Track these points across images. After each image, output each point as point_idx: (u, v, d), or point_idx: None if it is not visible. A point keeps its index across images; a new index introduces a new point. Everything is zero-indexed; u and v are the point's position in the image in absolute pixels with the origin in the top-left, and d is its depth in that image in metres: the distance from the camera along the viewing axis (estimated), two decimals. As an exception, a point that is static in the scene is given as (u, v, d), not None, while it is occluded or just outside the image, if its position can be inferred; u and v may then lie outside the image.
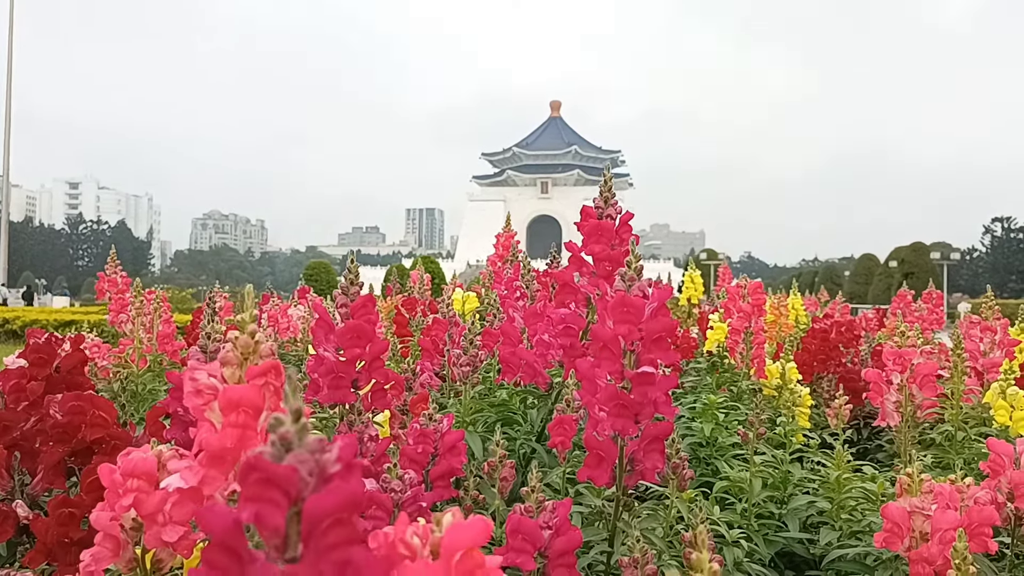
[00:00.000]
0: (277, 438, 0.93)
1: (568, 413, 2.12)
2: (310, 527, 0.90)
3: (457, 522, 1.18)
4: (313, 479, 0.92)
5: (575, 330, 2.39)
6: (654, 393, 1.81)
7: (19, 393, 2.32)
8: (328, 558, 0.89)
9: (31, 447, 2.26)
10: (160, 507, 1.50)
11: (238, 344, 1.42)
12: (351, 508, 0.91)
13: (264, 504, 0.88)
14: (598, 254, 2.31)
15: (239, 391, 1.36)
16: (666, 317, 1.84)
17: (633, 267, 1.87)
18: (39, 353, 2.43)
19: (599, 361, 1.86)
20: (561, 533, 1.71)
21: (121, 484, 1.53)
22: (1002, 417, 3.14)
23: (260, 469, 0.89)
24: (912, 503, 1.84)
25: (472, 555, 1.17)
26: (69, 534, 1.96)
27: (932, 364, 2.30)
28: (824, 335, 4.33)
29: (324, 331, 2.10)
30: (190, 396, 1.40)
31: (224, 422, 1.37)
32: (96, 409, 2.25)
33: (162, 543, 1.51)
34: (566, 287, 2.40)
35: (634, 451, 1.89)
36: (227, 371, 1.42)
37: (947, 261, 46.98)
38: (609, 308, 1.84)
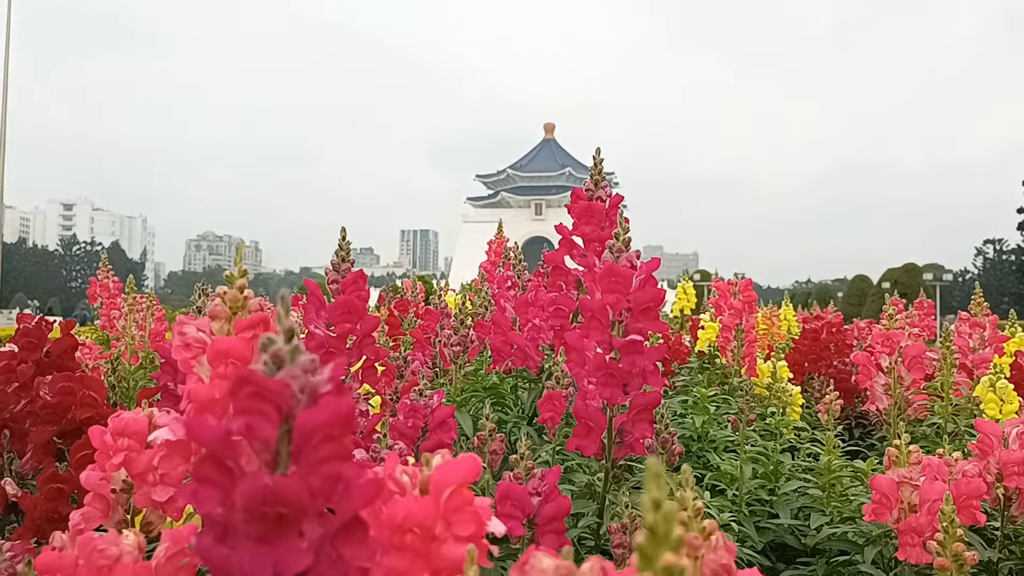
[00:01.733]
0: (269, 356, 0.94)
1: (557, 389, 2.13)
2: (301, 442, 0.90)
3: (447, 460, 1.19)
4: (304, 396, 0.93)
5: (565, 311, 2.41)
6: (642, 362, 1.82)
7: (9, 375, 2.32)
8: (318, 472, 0.89)
9: (21, 428, 2.26)
10: (150, 466, 1.50)
11: (226, 298, 1.43)
12: (342, 424, 0.92)
13: (255, 416, 0.88)
14: (588, 235, 2.33)
15: (228, 343, 1.37)
16: (654, 287, 1.86)
17: (621, 239, 1.89)
18: (29, 337, 2.43)
19: (587, 331, 1.87)
20: (550, 500, 1.72)
21: (111, 445, 1.53)
22: (992, 410, 3.15)
23: (252, 383, 0.90)
24: (900, 474, 1.85)
25: (461, 492, 1.17)
26: (58, 509, 1.95)
27: (920, 346, 2.32)
28: (815, 335, 4.35)
29: (315, 307, 2.11)
30: (179, 349, 1.41)
31: (212, 374, 1.37)
32: (86, 389, 2.25)
33: (152, 503, 1.51)
34: (557, 269, 2.42)
35: (623, 422, 1.90)
36: (216, 325, 1.43)
37: (939, 282, 47.25)
38: (597, 278, 1.85)
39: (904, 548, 1.81)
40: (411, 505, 1.12)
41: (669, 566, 0.69)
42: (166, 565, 1.19)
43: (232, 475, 0.89)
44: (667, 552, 0.69)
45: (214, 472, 0.89)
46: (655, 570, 0.69)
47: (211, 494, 0.88)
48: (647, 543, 0.69)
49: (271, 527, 0.87)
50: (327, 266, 2.18)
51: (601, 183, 2.40)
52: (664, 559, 0.69)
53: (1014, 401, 2.99)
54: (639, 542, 0.70)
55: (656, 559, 0.69)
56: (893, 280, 52.25)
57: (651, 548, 0.69)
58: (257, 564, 0.85)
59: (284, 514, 0.87)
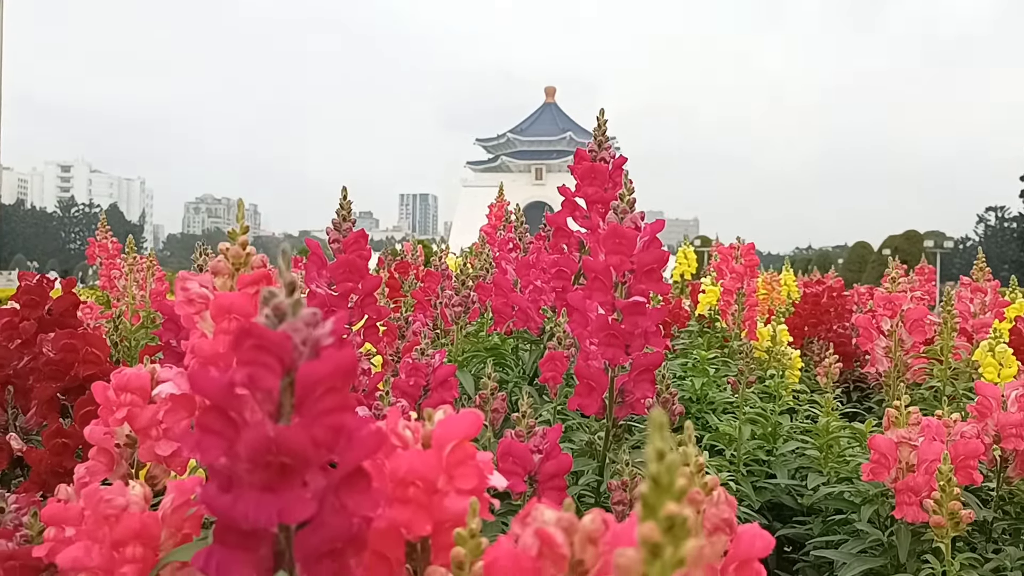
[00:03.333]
0: (271, 309, 0.94)
1: (559, 350, 2.14)
2: (303, 393, 0.90)
3: (449, 415, 1.19)
4: (306, 348, 0.93)
5: (568, 273, 2.40)
6: (645, 323, 1.83)
7: (12, 332, 2.32)
8: (321, 423, 0.90)
9: (24, 384, 2.27)
10: (153, 421, 1.51)
11: (229, 255, 1.43)
12: (344, 376, 0.92)
13: (258, 368, 0.88)
14: (591, 196, 2.32)
15: (230, 298, 1.37)
16: (658, 249, 1.85)
17: (626, 200, 1.88)
18: (31, 295, 2.43)
19: (590, 292, 1.87)
20: (551, 457, 1.73)
21: (115, 400, 1.53)
22: (990, 374, 3.17)
23: (254, 335, 0.90)
24: (899, 434, 1.86)
25: (464, 446, 1.18)
26: (63, 464, 1.97)
27: (922, 309, 2.32)
28: (816, 299, 4.35)
29: (316, 266, 2.11)
30: (182, 305, 1.41)
31: (215, 329, 1.37)
32: (89, 346, 2.25)
33: (156, 457, 1.52)
34: (559, 231, 2.41)
35: (624, 382, 1.91)
36: (218, 280, 1.43)
37: (940, 250, 47.20)
38: (601, 239, 1.85)
39: (901, 507, 1.83)
40: (414, 458, 1.13)
41: (671, 515, 0.69)
42: (172, 515, 1.20)
43: (236, 426, 0.89)
44: (670, 502, 0.70)
45: (218, 423, 0.89)
46: (658, 519, 0.69)
47: (215, 444, 0.88)
48: (650, 492, 0.70)
49: (275, 476, 0.87)
50: (327, 228, 2.17)
51: (605, 144, 2.38)
52: (667, 508, 0.69)
53: (1013, 365, 3.00)
54: (642, 491, 0.71)
55: (659, 508, 0.69)
56: (894, 247, 52.20)
57: (654, 497, 0.70)
58: (262, 512, 0.85)
59: (287, 464, 0.88)
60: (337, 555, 0.92)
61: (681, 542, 0.70)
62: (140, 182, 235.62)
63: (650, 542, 0.69)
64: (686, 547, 0.70)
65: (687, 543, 0.70)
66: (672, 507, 0.69)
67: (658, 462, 0.70)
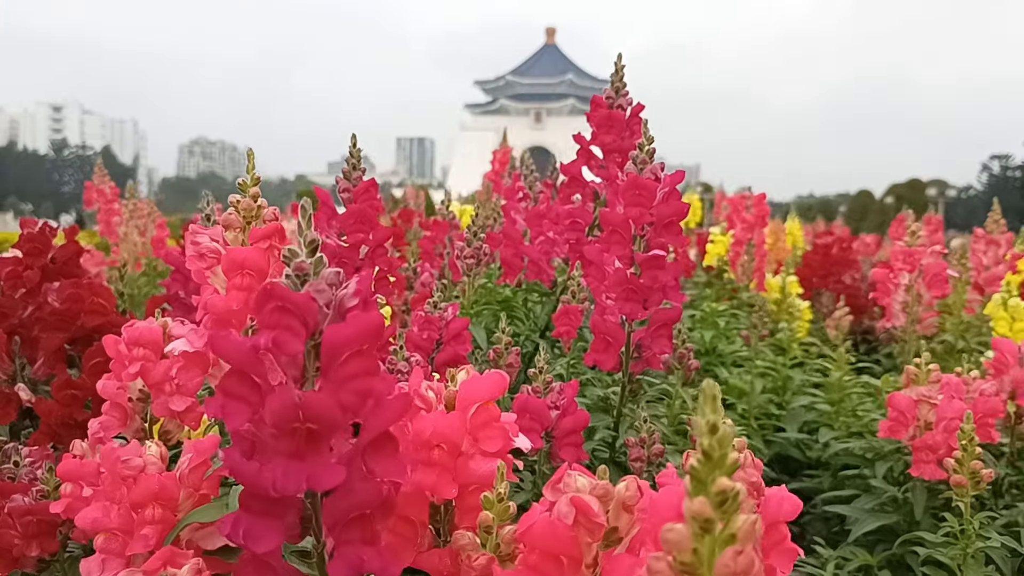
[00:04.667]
0: (293, 269, 0.89)
1: (573, 304, 2.10)
2: (329, 357, 0.87)
3: (473, 375, 1.16)
4: (331, 311, 0.89)
5: (582, 225, 2.36)
6: (664, 277, 1.79)
7: (16, 280, 2.28)
8: (348, 388, 0.86)
9: (30, 334, 2.23)
10: (166, 376, 1.48)
11: (240, 207, 1.38)
12: (371, 339, 0.88)
13: (282, 331, 0.85)
14: (608, 145, 2.25)
15: (243, 252, 1.32)
16: (678, 201, 1.80)
17: (646, 150, 1.82)
18: (34, 243, 2.37)
19: (608, 245, 1.82)
20: (568, 413, 1.71)
21: (127, 355, 1.50)
22: (1002, 328, 3.14)
23: (277, 297, 0.85)
24: (919, 392, 1.84)
25: (488, 408, 1.15)
26: (73, 415, 1.95)
27: (941, 263, 2.28)
28: (826, 250, 4.31)
29: (326, 216, 2.06)
30: (192, 260, 1.36)
31: (228, 285, 1.33)
32: (95, 296, 2.21)
33: (169, 412, 1.49)
34: (574, 180, 2.35)
35: (641, 337, 1.88)
36: (230, 234, 1.38)
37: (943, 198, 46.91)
38: (620, 191, 1.79)
39: (918, 465, 1.82)
40: (438, 421, 1.10)
41: (724, 490, 0.66)
42: (190, 476, 1.18)
43: (260, 391, 0.86)
44: (722, 477, 0.67)
45: (241, 387, 0.86)
46: (709, 495, 0.67)
47: (239, 409, 0.85)
48: (702, 467, 0.67)
49: (302, 443, 0.84)
50: (323, 172, 2.11)
51: (622, 90, 2.30)
52: (719, 484, 0.67)
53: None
54: (692, 465, 0.68)
55: (710, 484, 0.67)
56: (896, 195, 51.91)
57: (706, 472, 0.67)
58: (290, 479, 0.83)
59: (314, 430, 0.84)
60: (366, 520, 0.90)
61: (732, 517, 0.67)
62: (133, 123, 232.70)
63: (701, 517, 0.66)
64: (737, 523, 0.67)
65: (738, 519, 0.67)
66: (724, 482, 0.66)
67: (710, 435, 0.67)
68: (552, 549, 0.85)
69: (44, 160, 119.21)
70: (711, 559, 0.67)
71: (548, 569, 0.86)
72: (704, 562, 0.67)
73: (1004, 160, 74.68)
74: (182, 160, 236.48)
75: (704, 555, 0.67)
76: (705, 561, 0.67)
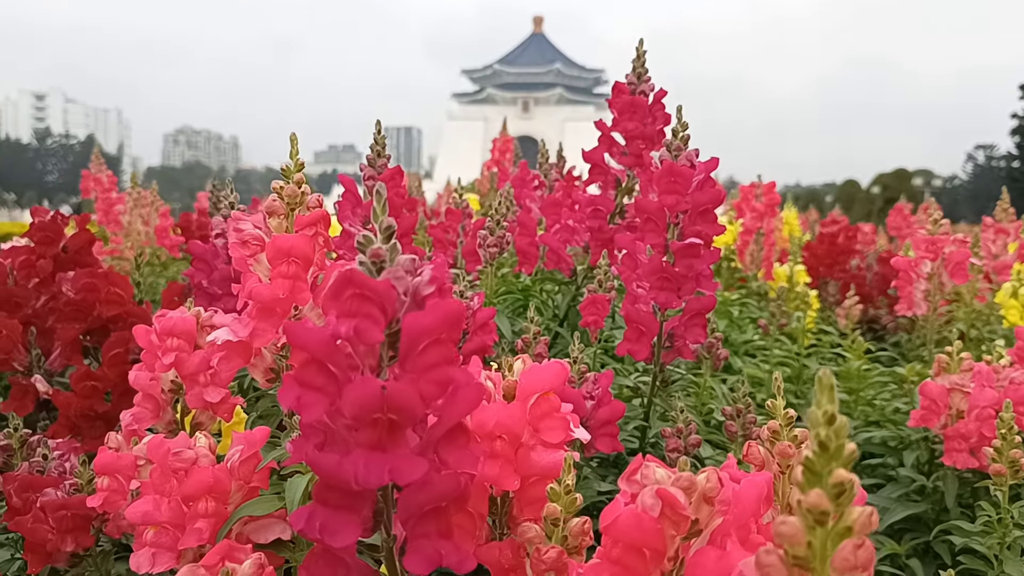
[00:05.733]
0: (370, 256, 0.87)
1: (600, 292, 2.08)
2: (408, 346, 0.84)
3: (533, 365, 1.14)
4: (408, 299, 0.87)
5: (603, 212, 2.33)
6: (700, 266, 1.77)
7: (29, 270, 2.24)
8: (428, 377, 0.84)
9: (44, 325, 2.19)
10: (202, 367, 1.45)
11: (284, 193, 1.35)
12: (452, 327, 0.86)
13: (362, 319, 0.82)
14: (631, 132, 2.23)
15: (289, 240, 1.30)
16: (713, 188, 1.78)
17: (680, 136, 1.80)
18: (45, 231, 2.33)
19: (642, 234, 1.80)
20: (603, 403, 1.69)
21: (159, 345, 1.47)
22: (1013, 316, 3.16)
23: (356, 284, 0.83)
24: (952, 380, 1.84)
25: (548, 398, 1.13)
26: (94, 407, 1.91)
27: (965, 251, 2.28)
28: (832, 239, 4.31)
29: (351, 204, 2.03)
30: (235, 247, 1.33)
31: (273, 273, 1.30)
32: (111, 286, 2.17)
33: (204, 404, 1.47)
34: (596, 168, 2.33)
35: (674, 326, 1.86)
36: (273, 221, 1.35)
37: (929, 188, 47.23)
38: (655, 178, 1.77)
39: (951, 454, 1.82)
40: (501, 411, 1.07)
41: (841, 482, 0.65)
42: (240, 468, 1.15)
43: (337, 381, 0.84)
44: (839, 468, 0.65)
45: (319, 378, 0.83)
46: (825, 486, 0.65)
47: (316, 400, 0.83)
48: (818, 458, 0.65)
49: (384, 434, 0.82)
50: (310, 162, 2.08)
51: (644, 75, 2.28)
52: (836, 475, 0.65)
53: (1037, 308, 2.99)
54: (807, 457, 0.66)
55: (827, 475, 0.65)
56: (883, 185, 52.23)
57: (822, 464, 0.65)
58: (372, 472, 0.80)
59: (395, 421, 0.82)
60: (441, 513, 0.88)
61: (849, 511, 0.65)
62: (117, 112, 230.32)
63: (817, 510, 0.65)
64: (853, 515, 0.65)
65: (854, 511, 0.66)
66: (842, 473, 0.64)
67: (827, 426, 0.65)
68: (637, 542, 0.83)
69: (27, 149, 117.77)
70: (824, 553, 0.66)
71: (631, 562, 0.84)
72: (817, 555, 0.66)
73: (989, 150, 75.23)
74: (167, 149, 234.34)
75: (817, 549, 0.66)
76: (818, 555, 0.66)
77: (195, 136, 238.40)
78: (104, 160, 5.77)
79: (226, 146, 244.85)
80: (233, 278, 1.72)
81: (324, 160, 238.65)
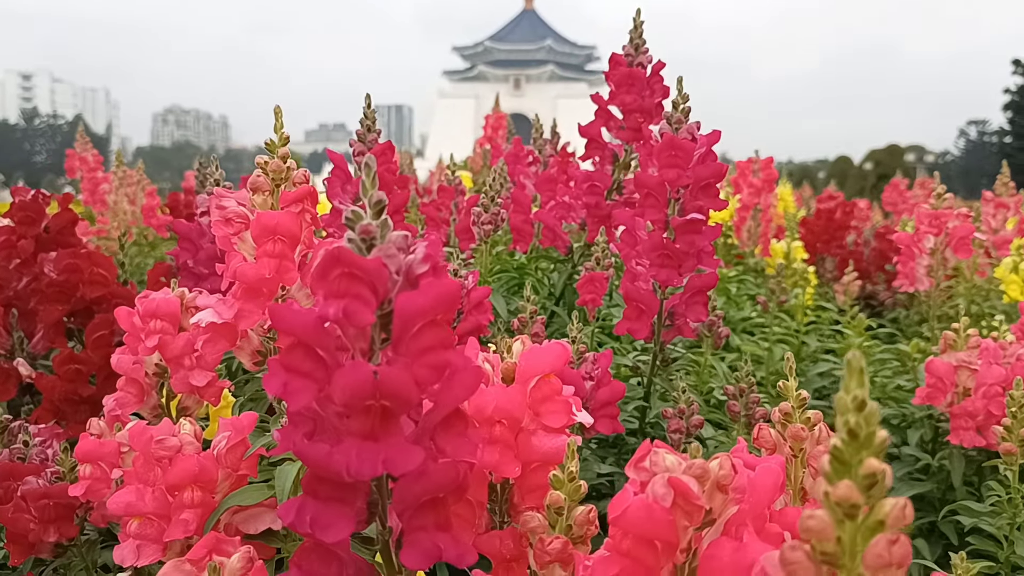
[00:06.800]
0: (359, 232, 0.81)
1: (598, 271, 2.03)
2: (402, 328, 0.79)
3: (533, 347, 1.09)
4: (400, 278, 0.81)
5: (600, 188, 2.28)
6: (701, 242, 1.72)
7: (10, 250, 2.17)
8: (423, 361, 0.78)
9: (26, 307, 2.13)
10: (187, 350, 1.40)
11: (269, 168, 1.28)
12: (447, 307, 0.80)
13: (352, 300, 0.76)
14: (629, 105, 2.16)
15: (275, 217, 1.24)
16: (715, 162, 1.73)
17: (681, 108, 1.74)
18: (26, 211, 2.26)
19: (642, 209, 1.75)
20: (603, 384, 1.64)
21: (142, 328, 1.41)
22: (1014, 291, 3.12)
23: (345, 262, 0.77)
24: (959, 357, 1.79)
25: (549, 380, 1.08)
26: (78, 391, 1.85)
27: (969, 226, 2.23)
28: (830, 214, 4.26)
29: (341, 181, 1.96)
30: (218, 225, 1.27)
31: (259, 252, 1.25)
32: (94, 267, 2.11)
33: (190, 388, 1.41)
34: (593, 142, 2.27)
35: (674, 304, 1.81)
36: (258, 198, 1.29)
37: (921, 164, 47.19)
38: (655, 152, 1.71)
39: (957, 432, 1.78)
40: (500, 395, 1.02)
41: (873, 472, 0.60)
42: (228, 456, 1.10)
43: (325, 366, 0.78)
44: (870, 458, 0.60)
45: (306, 363, 0.78)
46: (855, 477, 0.60)
47: (304, 387, 0.77)
48: (847, 447, 0.60)
49: (377, 422, 0.77)
50: (300, 140, 2.02)
51: (642, 47, 2.21)
52: (868, 465, 0.60)
53: (1038, 283, 2.96)
54: (835, 445, 0.61)
55: (856, 465, 0.60)
56: (875, 161, 52.18)
57: (851, 452, 0.60)
58: (365, 463, 0.75)
59: (389, 408, 0.77)
60: (439, 504, 0.83)
61: (881, 504, 0.61)
62: (105, 92, 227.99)
63: (847, 503, 0.60)
64: (885, 508, 0.61)
65: (886, 503, 0.61)
66: (873, 463, 0.60)
67: (857, 412, 0.60)
68: (648, 533, 0.79)
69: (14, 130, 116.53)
70: (854, 548, 0.61)
71: (642, 555, 0.79)
72: (847, 551, 0.61)
73: (981, 125, 75.20)
74: (156, 129, 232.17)
75: (847, 544, 0.61)
76: (848, 550, 0.61)
77: (184, 116, 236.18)
78: (91, 140, 5.67)
79: (216, 125, 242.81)
80: (218, 257, 1.65)
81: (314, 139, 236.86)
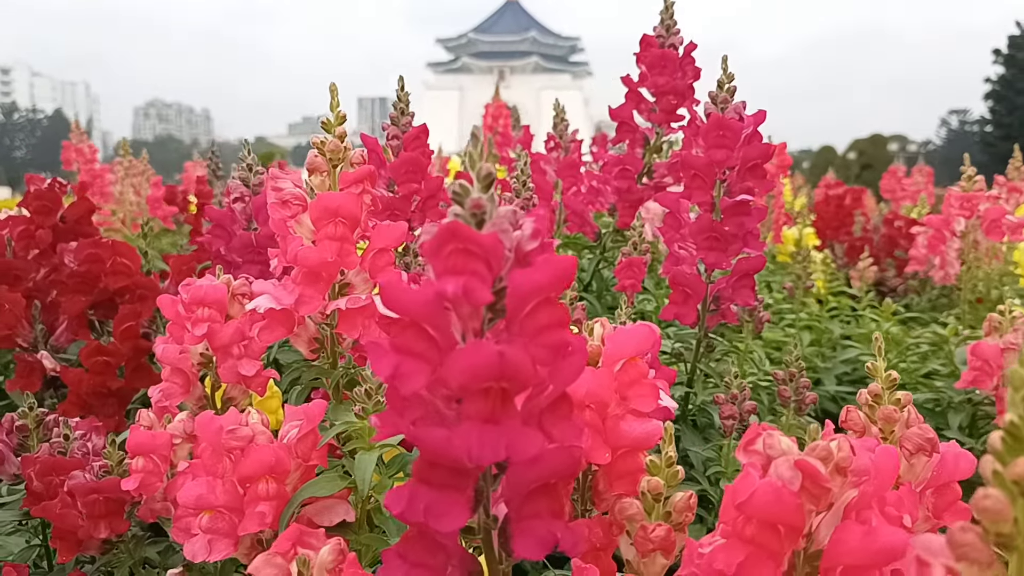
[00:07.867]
0: (469, 207, 0.77)
1: (635, 256, 2.00)
2: (517, 306, 0.75)
3: (619, 328, 1.05)
4: (511, 255, 0.78)
5: (632, 172, 2.24)
6: (750, 224, 1.69)
7: (28, 240, 2.11)
8: (540, 340, 0.74)
9: (46, 298, 2.07)
10: (235, 338, 1.35)
11: (326, 148, 1.24)
12: (562, 285, 0.76)
13: (470, 277, 0.72)
14: (662, 87, 2.13)
15: (336, 199, 1.20)
16: (761, 142, 1.70)
17: (726, 88, 1.70)
18: (42, 200, 2.20)
19: (689, 191, 1.72)
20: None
21: (187, 316, 1.36)
22: (1030, 275, 3.12)
23: (461, 238, 0.73)
24: (1006, 340, 1.78)
25: (636, 364, 1.05)
26: (106, 383, 1.80)
27: (1000, 208, 2.22)
28: (839, 201, 4.25)
29: (374, 165, 1.92)
30: (274, 207, 1.23)
31: (319, 235, 1.20)
32: (117, 256, 2.05)
33: (238, 377, 1.37)
34: (624, 125, 2.23)
35: (720, 288, 1.78)
36: (315, 179, 1.24)
37: (904, 153, 47.52)
38: (702, 132, 1.68)
39: (1005, 415, 1.76)
40: (590, 379, 0.99)
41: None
42: (299, 445, 1.06)
43: (438, 347, 0.74)
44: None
45: (419, 343, 0.74)
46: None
47: (418, 369, 0.73)
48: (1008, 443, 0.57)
49: (497, 405, 0.73)
50: (283, 134, 1.97)
51: (673, 28, 2.17)
52: None
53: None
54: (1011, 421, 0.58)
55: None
56: (859, 150, 52.50)
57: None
58: (487, 447, 0.71)
59: (507, 390, 0.73)
60: (552, 491, 0.79)
61: (1060, 480, 0.58)
62: (85, 86, 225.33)
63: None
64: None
65: (1065, 482, 0.58)
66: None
67: None
68: (775, 518, 0.75)
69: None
70: (1030, 529, 0.58)
71: (766, 540, 0.76)
72: (1023, 532, 0.58)
73: (962, 115, 75.80)
74: (137, 123, 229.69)
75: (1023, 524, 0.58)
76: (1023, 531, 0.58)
77: (166, 109, 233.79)
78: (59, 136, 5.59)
79: (198, 119, 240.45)
80: (256, 244, 1.60)
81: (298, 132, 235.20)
